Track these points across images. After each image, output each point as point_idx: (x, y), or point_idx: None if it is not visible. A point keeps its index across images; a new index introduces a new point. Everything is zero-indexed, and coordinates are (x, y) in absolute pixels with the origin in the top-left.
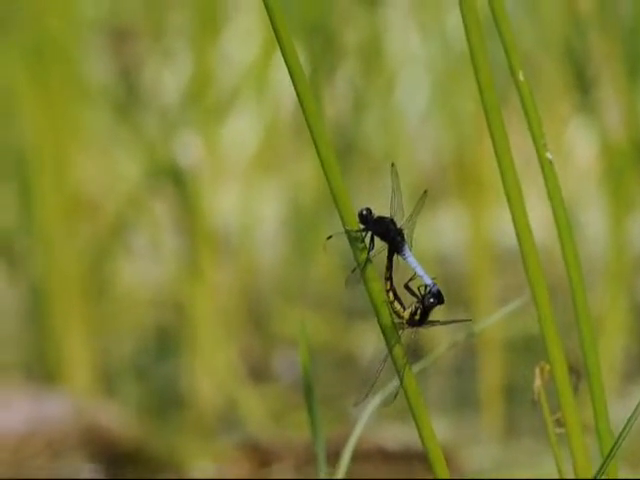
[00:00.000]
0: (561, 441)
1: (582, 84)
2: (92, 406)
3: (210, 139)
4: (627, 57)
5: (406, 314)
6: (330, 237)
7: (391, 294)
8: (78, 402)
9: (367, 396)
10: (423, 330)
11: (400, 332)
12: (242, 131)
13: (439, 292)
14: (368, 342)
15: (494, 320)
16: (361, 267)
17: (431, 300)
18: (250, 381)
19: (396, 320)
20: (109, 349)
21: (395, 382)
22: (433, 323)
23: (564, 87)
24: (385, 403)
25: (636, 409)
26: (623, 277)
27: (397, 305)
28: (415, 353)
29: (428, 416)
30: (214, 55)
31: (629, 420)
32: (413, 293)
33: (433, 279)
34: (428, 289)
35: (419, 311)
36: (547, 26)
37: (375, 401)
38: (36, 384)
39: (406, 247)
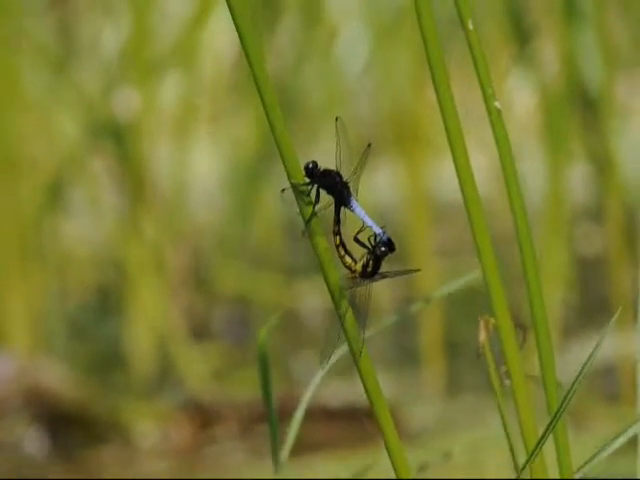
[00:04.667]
0: (504, 394)
1: (521, 36)
2: (34, 367)
3: (148, 95)
4: (565, 7)
5: (358, 267)
6: (284, 190)
7: (341, 248)
8: (19, 363)
9: (330, 356)
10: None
11: (353, 285)
12: (180, 87)
13: (389, 240)
14: (310, 299)
15: (439, 295)
16: (307, 221)
17: (382, 249)
18: (191, 340)
19: (348, 275)
20: (49, 309)
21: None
22: (384, 275)
23: (503, 39)
24: (327, 356)
25: (584, 365)
26: (562, 228)
27: (348, 259)
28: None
29: (375, 376)
30: (153, 12)
31: (578, 376)
32: (363, 245)
33: (382, 227)
34: (378, 238)
35: (371, 262)
36: None
37: (323, 366)
38: None
39: (353, 199)
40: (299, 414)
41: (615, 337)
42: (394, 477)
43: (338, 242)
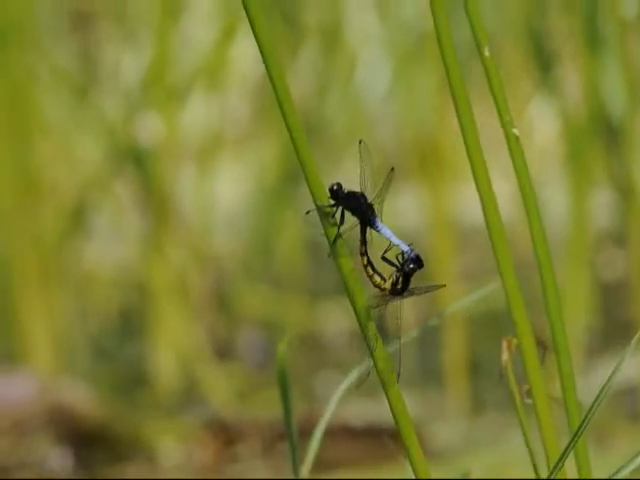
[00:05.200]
0: (527, 414)
1: (543, 62)
2: (57, 387)
3: (171, 120)
4: (587, 34)
5: (388, 284)
6: (308, 212)
7: (369, 268)
8: (43, 383)
9: (368, 376)
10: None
11: (383, 304)
12: (203, 112)
13: (418, 256)
14: (333, 321)
15: (464, 304)
16: (332, 243)
17: (411, 266)
18: (214, 360)
19: (377, 293)
20: (73, 330)
21: (363, 363)
22: (411, 292)
23: (525, 65)
24: (359, 383)
25: (605, 384)
26: (584, 254)
27: (377, 278)
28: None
29: (400, 395)
30: (174, 38)
31: (599, 395)
32: (392, 263)
33: (409, 245)
34: (406, 255)
35: (400, 279)
36: (508, 4)
37: (345, 382)
38: (0, 366)
39: (378, 219)
40: (319, 432)
41: (637, 357)
42: None
43: (366, 262)
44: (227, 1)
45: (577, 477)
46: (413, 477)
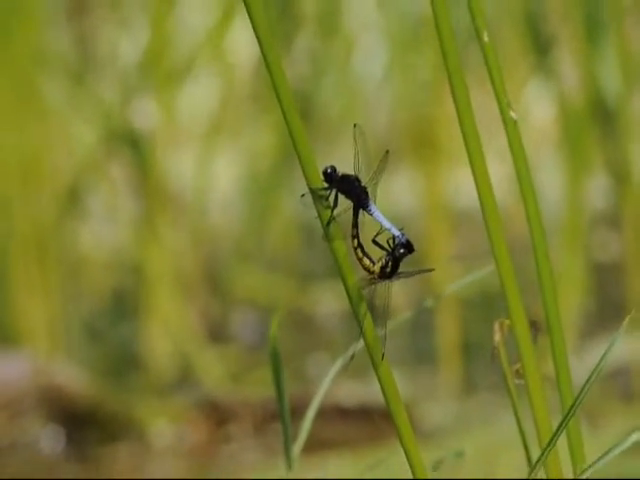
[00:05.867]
0: (519, 395)
1: (540, 46)
2: (50, 367)
3: (167, 104)
4: (584, 19)
5: (376, 268)
6: (303, 195)
7: (359, 250)
8: (36, 363)
9: (352, 358)
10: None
11: (372, 287)
12: (199, 96)
13: (408, 241)
14: (324, 303)
15: (458, 286)
16: (325, 225)
17: (401, 250)
18: (208, 341)
19: (366, 276)
20: (67, 311)
21: (354, 343)
22: (399, 275)
23: (522, 49)
24: (348, 361)
25: (597, 365)
26: (579, 236)
27: (366, 261)
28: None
29: (391, 374)
30: (171, 22)
31: (589, 377)
32: (382, 247)
33: (401, 230)
34: (397, 240)
35: (390, 263)
36: None
37: (337, 363)
38: None
39: (371, 203)
40: (311, 412)
41: (629, 339)
42: (409, 476)
43: (356, 245)
44: None
45: (570, 457)
46: (404, 456)
